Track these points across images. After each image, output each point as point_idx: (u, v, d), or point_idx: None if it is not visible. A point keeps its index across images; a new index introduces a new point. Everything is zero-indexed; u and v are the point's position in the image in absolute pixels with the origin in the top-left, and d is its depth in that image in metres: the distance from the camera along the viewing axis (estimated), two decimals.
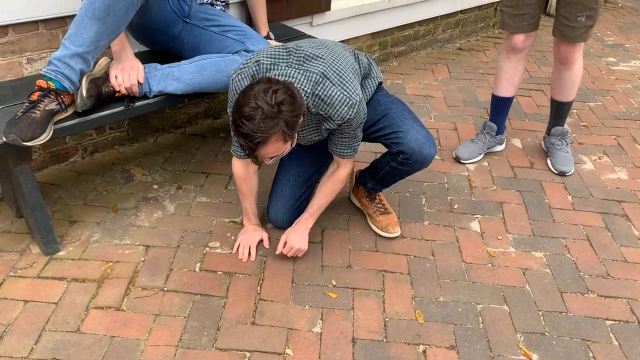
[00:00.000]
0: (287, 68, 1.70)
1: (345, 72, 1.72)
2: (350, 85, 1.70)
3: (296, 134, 1.67)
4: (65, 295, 1.81)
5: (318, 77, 1.68)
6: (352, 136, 1.82)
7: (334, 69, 1.70)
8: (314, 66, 1.70)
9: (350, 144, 1.85)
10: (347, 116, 1.71)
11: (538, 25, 2.44)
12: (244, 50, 2.02)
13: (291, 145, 1.67)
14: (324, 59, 1.72)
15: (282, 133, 1.55)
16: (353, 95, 1.70)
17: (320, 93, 1.68)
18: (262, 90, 1.51)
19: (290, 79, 1.68)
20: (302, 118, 1.64)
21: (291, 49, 1.74)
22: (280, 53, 1.73)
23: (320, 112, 1.72)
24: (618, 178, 2.63)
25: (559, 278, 2.02)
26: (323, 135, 1.87)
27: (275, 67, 1.70)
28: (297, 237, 1.99)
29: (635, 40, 4.55)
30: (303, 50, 1.73)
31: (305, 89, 1.68)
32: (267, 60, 1.71)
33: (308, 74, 1.69)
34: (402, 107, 1.99)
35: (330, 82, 1.68)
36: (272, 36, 2.39)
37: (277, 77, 1.66)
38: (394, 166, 1.98)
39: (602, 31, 4.72)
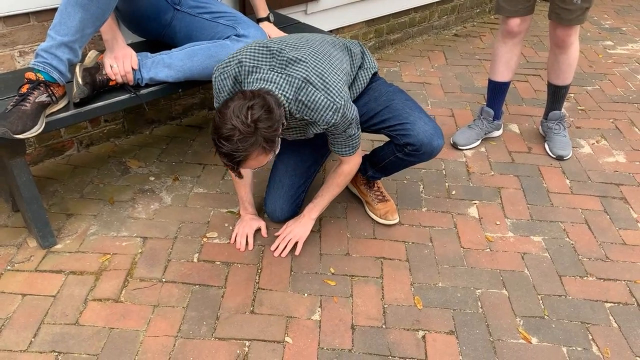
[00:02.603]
0: (269, 72, 1.66)
1: (328, 74, 1.68)
2: (334, 88, 1.66)
3: (278, 145, 1.64)
4: (63, 288, 1.81)
5: (300, 82, 1.65)
6: (345, 136, 1.79)
7: (317, 72, 1.66)
8: (297, 71, 1.66)
9: (346, 142, 1.82)
10: (332, 121, 1.68)
11: (534, 8, 2.42)
12: (235, 35, 2.00)
13: (273, 155, 1.65)
14: (307, 62, 1.67)
15: (262, 148, 1.54)
16: (337, 99, 1.66)
17: (303, 99, 1.66)
18: (237, 108, 1.49)
19: (272, 83, 1.64)
20: (280, 129, 1.61)
21: (274, 50, 1.69)
22: (263, 54, 1.69)
23: (304, 117, 1.70)
24: (616, 161, 2.62)
25: (558, 262, 2.01)
26: (308, 136, 1.85)
27: (257, 70, 1.67)
28: (298, 225, 1.99)
29: (632, 23, 4.52)
30: (286, 53, 1.68)
31: (288, 95, 1.65)
32: (249, 62, 1.67)
33: (290, 79, 1.65)
34: (404, 97, 1.97)
35: (314, 86, 1.65)
36: (272, 18, 2.34)
37: (258, 81, 1.64)
38: (400, 157, 1.97)
39: (599, 14, 4.69)
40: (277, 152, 1.66)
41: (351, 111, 1.72)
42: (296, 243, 1.99)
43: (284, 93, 1.64)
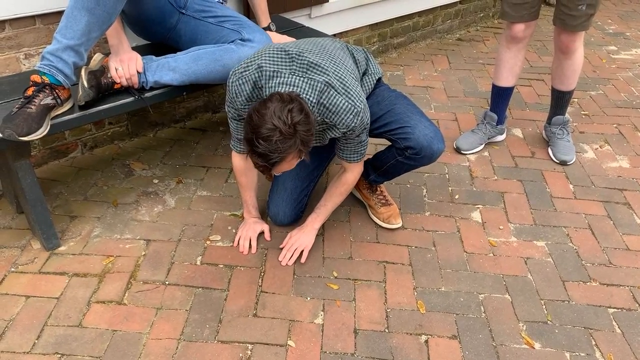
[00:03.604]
0: (290, 76, 1.66)
1: (347, 79, 1.70)
2: (354, 93, 1.69)
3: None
4: (66, 290, 1.81)
5: (323, 86, 1.66)
6: (357, 142, 1.81)
7: (337, 77, 1.68)
8: (318, 75, 1.67)
9: (356, 149, 1.84)
10: (352, 124, 1.70)
11: (538, 14, 2.42)
12: (240, 39, 2.00)
13: (305, 157, 1.66)
14: (327, 68, 1.69)
15: (297, 151, 1.55)
16: (358, 103, 1.68)
17: (325, 102, 1.67)
18: (277, 109, 1.49)
19: (295, 87, 1.65)
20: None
21: (293, 54, 1.70)
22: (283, 58, 1.69)
23: (325, 120, 1.71)
24: (619, 166, 2.62)
25: (561, 267, 2.01)
26: (324, 143, 1.86)
27: (279, 75, 1.66)
28: (302, 234, 2.00)
29: (635, 28, 4.52)
30: (306, 58, 1.69)
31: (311, 98, 1.65)
32: (269, 67, 1.67)
33: (312, 82, 1.66)
34: (406, 101, 1.98)
35: (335, 90, 1.66)
36: (273, 27, 2.36)
37: (281, 85, 1.65)
38: (401, 160, 1.97)
39: (603, 19, 4.69)
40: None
41: (367, 116, 1.75)
42: (302, 252, 1.99)
43: (308, 97, 1.65)
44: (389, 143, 2.00)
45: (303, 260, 1.97)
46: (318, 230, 2.04)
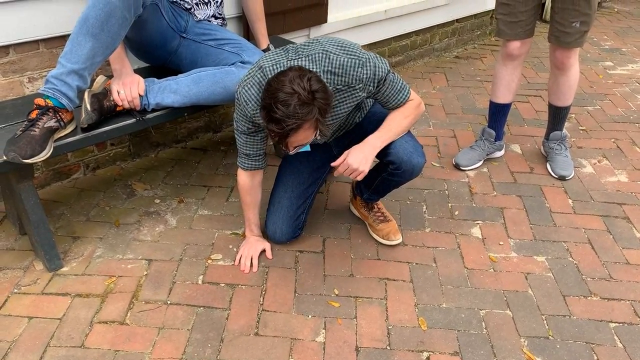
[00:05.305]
0: (288, 62, 1.70)
1: (344, 42, 1.73)
2: (352, 49, 1.71)
3: (326, 124, 1.66)
4: (69, 311, 1.82)
5: (320, 54, 1.69)
6: (390, 88, 1.78)
7: (332, 43, 1.72)
8: (312, 49, 1.71)
9: (396, 94, 1.80)
10: (365, 76, 1.71)
11: (533, 31, 2.46)
12: (240, 62, 2.04)
13: (316, 135, 1.66)
14: (319, 41, 1.73)
15: (315, 121, 1.56)
16: (360, 55, 1.70)
17: (329, 68, 1.69)
18: (296, 76, 1.52)
19: None
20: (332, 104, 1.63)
21: (288, 47, 1.76)
22: (279, 54, 1.75)
23: (338, 87, 1.72)
24: (618, 181, 2.64)
25: (562, 282, 2.02)
26: (367, 104, 1.83)
27: (278, 66, 1.70)
28: (359, 155, 1.78)
29: (631, 44, 4.57)
30: (298, 44, 1.75)
31: (317, 70, 1.68)
32: (269, 63, 1.71)
33: (311, 57, 1.69)
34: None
35: (333, 53, 1.69)
36: (272, 48, 2.42)
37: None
38: (385, 177, 1.99)
39: (599, 36, 4.74)
40: (317, 137, 1.66)
41: (378, 62, 1.72)
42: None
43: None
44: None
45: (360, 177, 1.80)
46: (318, 247, 2.04)
